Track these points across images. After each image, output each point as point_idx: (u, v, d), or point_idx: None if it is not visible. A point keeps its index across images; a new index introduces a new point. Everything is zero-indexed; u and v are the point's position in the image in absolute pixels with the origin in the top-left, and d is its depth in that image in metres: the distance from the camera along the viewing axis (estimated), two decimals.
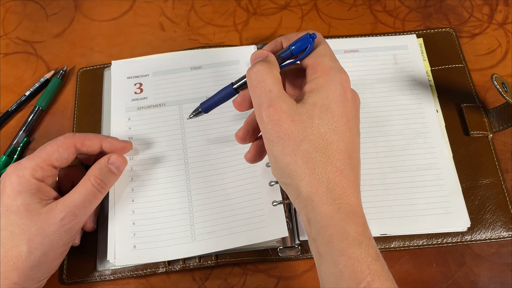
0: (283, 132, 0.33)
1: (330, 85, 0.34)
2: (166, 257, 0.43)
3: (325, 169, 0.32)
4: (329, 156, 0.33)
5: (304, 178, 0.32)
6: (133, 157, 0.48)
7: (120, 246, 0.43)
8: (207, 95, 0.50)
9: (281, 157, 0.33)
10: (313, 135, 0.33)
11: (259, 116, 0.34)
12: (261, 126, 0.34)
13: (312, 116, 0.33)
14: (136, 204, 0.45)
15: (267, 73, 0.34)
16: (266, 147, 0.35)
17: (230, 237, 0.43)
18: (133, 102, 0.51)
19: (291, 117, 0.33)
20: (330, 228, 0.31)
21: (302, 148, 0.33)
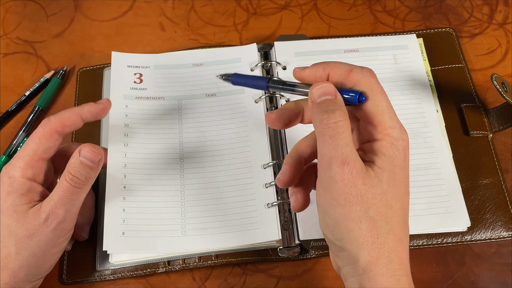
0: (352, 195, 0.30)
1: (394, 150, 0.31)
2: (155, 249, 0.43)
3: (388, 238, 0.31)
4: (392, 225, 0.31)
5: (366, 247, 0.30)
6: (128, 144, 0.47)
7: (108, 231, 0.43)
8: (208, 92, 0.51)
9: (345, 222, 0.30)
10: (381, 202, 0.30)
11: (326, 171, 0.30)
12: (326, 182, 0.31)
13: (382, 181, 0.30)
14: (127, 191, 0.45)
15: (346, 126, 0.30)
16: (325, 206, 0.31)
17: (220, 236, 0.43)
18: (132, 91, 0.50)
19: (362, 179, 0.30)
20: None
21: (369, 215, 0.30)
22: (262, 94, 0.50)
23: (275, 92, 0.50)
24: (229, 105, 0.50)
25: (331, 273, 0.44)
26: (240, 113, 0.50)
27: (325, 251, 0.44)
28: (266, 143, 0.48)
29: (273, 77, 0.35)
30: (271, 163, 0.46)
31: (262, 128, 0.49)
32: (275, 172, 0.46)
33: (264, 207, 0.45)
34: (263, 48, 0.53)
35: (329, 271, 0.44)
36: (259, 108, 0.50)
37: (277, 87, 0.35)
